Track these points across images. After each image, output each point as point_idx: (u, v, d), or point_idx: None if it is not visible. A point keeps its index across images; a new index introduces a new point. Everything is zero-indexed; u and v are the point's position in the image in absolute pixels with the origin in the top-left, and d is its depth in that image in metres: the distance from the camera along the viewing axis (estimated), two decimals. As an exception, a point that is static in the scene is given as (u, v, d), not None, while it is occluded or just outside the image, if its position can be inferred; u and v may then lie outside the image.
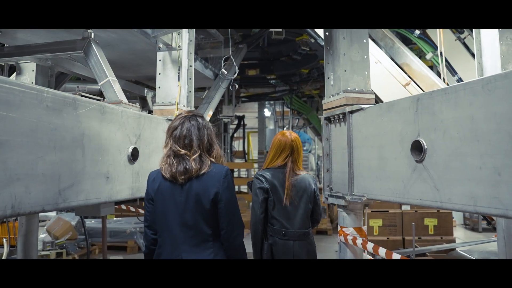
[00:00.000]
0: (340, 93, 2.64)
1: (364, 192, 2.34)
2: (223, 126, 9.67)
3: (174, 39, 3.06)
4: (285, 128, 12.38)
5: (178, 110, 2.93)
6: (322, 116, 2.90)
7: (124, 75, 4.62)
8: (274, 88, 10.04)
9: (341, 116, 2.61)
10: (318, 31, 4.73)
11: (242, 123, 11.22)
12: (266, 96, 10.75)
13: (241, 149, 12.41)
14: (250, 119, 13.84)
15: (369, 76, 2.70)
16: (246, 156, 12.42)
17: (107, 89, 2.49)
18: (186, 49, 3.16)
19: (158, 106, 3.03)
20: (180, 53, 3.08)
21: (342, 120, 2.61)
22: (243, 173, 13.68)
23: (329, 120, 2.81)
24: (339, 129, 2.66)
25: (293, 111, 11.67)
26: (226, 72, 4.66)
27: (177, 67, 3.07)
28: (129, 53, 3.62)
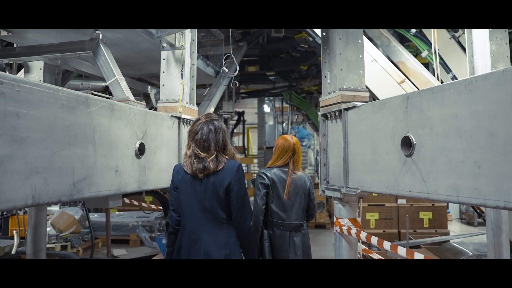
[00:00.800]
0: (336, 91, 2.77)
1: (358, 185, 2.48)
2: (223, 122, 9.77)
3: (178, 39, 3.18)
4: (285, 124, 12.53)
5: (182, 108, 3.06)
6: (320, 113, 3.03)
7: (128, 73, 4.75)
8: (274, 85, 10.15)
9: (337, 113, 2.74)
10: (316, 30, 4.84)
11: (242, 119, 11.32)
12: (266, 92, 10.85)
13: (241, 145, 12.52)
14: (250, 115, 13.94)
15: (364, 75, 2.83)
16: (246, 152, 12.54)
17: (115, 88, 2.62)
18: (189, 48, 3.28)
19: (163, 103, 3.16)
20: (183, 52, 3.21)
21: (338, 117, 2.74)
22: (243, 168, 13.77)
23: (326, 117, 2.94)
24: (335, 125, 2.80)
25: (292, 107, 11.78)
26: (227, 70, 4.79)
27: (180, 66, 3.20)
28: (134, 52, 3.74)
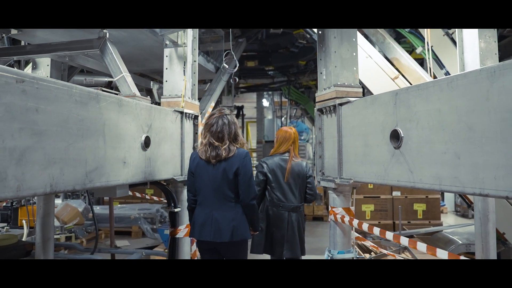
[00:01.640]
0: (331, 87, 2.92)
1: (351, 176, 2.64)
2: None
3: (180, 37, 3.32)
4: (283, 118, 12.68)
5: (184, 103, 3.21)
6: (315, 108, 3.18)
7: (131, 69, 4.86)
8: (272, 79, 10.28)
9: (332, 108, 2.89)
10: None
11: (241, 113, 11.46)
12: (265, 87, 10.98)
13: (240, 139, 12.64)
14: (249, 109, 14.07)
15: (358, 72, 2.98)
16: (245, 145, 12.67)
17: (122, 84, 2.76)
18: (191, 46, 3.42)
19: (166, 99, 3.30)
20: (185, 50, 3.34)
21: (333, 111, 2.89)
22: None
23: (322, 111, 3.09)
24: (330, 120, 2.95)
25: (291, 102, 11.93)
26: (227, 66, 4.93)
27: (183, 63, 3.34)
28: (137, 49, 3.88)
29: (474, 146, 1.66)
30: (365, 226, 2.43)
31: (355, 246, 3.13)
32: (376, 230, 2.40)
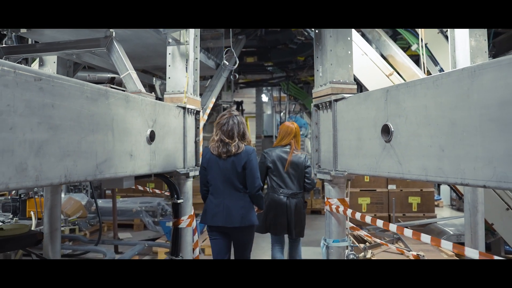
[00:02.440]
0: (327, 84, 3.05)
1: (346, 168, 2.79)
2: (222, 111, 10.04)
3: (182, 35, 3.45)
4: (282, 113, 12.82)
5: (187, 98, 3.35)
6: (312, 103, 3.32)
7: (134, 65, 4.97)
8: (271, 75, 10.41)
9: (328, 104, 3.03)
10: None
11: (241, 108, 11.59)
12: (264, 82, 11.12)
13: (240, 134, 12.77)
14: (248, 104, 14.18)
15: (352, 69, 3.11)
16: (244, 141, 12.80)
17: (128, 81, 2.89)
18: (192, 44, 3.55)
19: (169, 95, 3.44)
20: (187, 47, 3.47)
21: (329, 107, 3.03)
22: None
23: (318, 107, 3.23)
24: (326, 115, 3.09)
25: (290, 97, 12.07)
26: (227, 63, 5.06)
27: (185, 60, 3.47)
28: (141, 46, 4.01)
29: (456, 140, 1.80)
30: (358, 215, 2.58)
31: (350, 236, 3.28)
32: (368, 219, 2.55)
